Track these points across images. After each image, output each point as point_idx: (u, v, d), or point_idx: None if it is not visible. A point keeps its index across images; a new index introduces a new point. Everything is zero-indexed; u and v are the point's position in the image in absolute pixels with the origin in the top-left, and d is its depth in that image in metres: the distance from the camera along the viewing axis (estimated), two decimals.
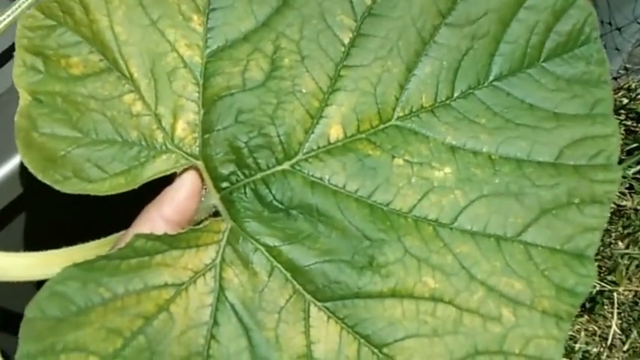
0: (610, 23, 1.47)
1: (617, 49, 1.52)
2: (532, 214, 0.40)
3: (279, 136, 0.40)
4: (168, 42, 0.41)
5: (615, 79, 1.61)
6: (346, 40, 0.42)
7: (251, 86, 0.41)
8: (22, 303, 0.53)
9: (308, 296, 0.38)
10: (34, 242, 0.53)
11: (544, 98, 0.42)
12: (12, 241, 0.52)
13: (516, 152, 0.41)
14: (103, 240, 0.41)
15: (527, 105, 0.42)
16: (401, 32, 0.42)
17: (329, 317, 0.37)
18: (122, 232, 0.39)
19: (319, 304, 0.38)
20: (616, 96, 1.62)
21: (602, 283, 1.23)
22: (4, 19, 0.43)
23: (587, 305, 1.06)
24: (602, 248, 1.29)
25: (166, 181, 0.40)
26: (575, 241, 0.39)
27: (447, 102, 0.42)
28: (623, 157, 1.44)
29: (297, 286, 0.38)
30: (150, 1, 0.41)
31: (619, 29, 1.48)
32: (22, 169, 0.47)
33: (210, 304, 0.37)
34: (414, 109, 0.42)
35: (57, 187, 0.37)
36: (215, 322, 0.36)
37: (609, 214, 0.41)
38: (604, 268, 1.31)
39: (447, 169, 0.41)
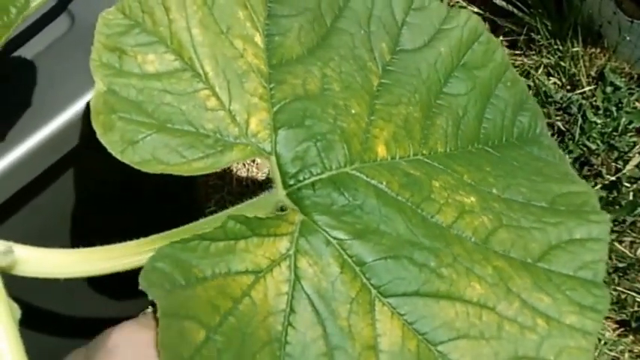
0: None
1: None
2: (544, 246, 0.44)
3: (342, 142, 0.43)
4: (237, 49, 0.43)
5: None
6: (375, 83, 0.47)
7: (313, 97, 0.43)
8: (43, 297, 0.49)
9: (374, 291, 0.39)
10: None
11: (527, 164, 0.49)
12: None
13: (519, 197, 0.46)
14: (142, 240, 0.40)
15: (517, 165, 0.49)
16: (416, 87, 0.48)
17: (392, 312, 0.39)
18: None
19: (384, 299, 0.39)
20: None
21: None
22: None
23: (633, 325, 0.93)
24: None
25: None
26: (584, 270, 0.44)
27: (455, 152, 0.48)
28: None
29: (364, 281, 0.39)
30: (219, 13, 0.43)
31: None
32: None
33: (286, 293, 0.37)
34: (432, 152, 0.47)
35: (137, 167, 0.37)
36: (292, 310, 0.37)
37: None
38: None
39: (473, 198, 0.45)
